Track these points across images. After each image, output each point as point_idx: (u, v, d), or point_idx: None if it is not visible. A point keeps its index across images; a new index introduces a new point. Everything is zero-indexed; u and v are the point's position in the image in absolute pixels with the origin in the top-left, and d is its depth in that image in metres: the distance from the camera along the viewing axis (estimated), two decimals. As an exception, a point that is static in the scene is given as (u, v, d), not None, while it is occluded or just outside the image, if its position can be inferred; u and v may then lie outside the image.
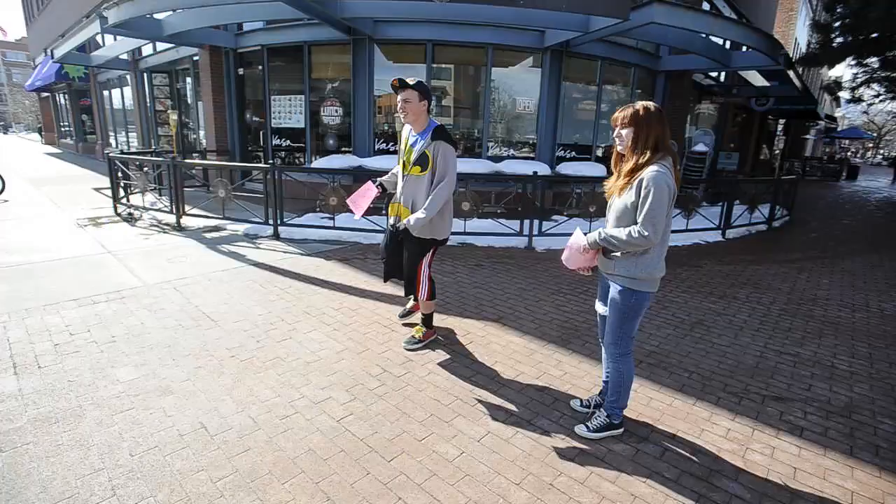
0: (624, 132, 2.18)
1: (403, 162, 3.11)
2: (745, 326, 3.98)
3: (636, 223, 2.13)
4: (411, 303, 3.76)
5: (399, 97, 2.95)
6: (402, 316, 3.74)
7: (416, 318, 3.61)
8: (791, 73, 11.50)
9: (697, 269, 5.69)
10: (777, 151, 23.34)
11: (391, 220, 3.29)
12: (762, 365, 3.30)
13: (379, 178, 3.30)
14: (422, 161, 2.98)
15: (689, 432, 2.50)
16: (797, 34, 22.73)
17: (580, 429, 2.47)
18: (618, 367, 2.38)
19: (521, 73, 8.37)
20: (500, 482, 2.10)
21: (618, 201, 2.21)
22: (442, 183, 2.97)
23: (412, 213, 3.04)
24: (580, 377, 3.01)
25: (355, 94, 8.08)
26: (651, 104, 2.16)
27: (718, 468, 2.24)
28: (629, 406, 2.68)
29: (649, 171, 2.08)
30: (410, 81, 2.93)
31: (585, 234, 2.32)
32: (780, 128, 23.30)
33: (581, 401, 2.68)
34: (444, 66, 8.29)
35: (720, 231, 7.55)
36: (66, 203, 8.54)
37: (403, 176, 3.11)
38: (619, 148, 2.24)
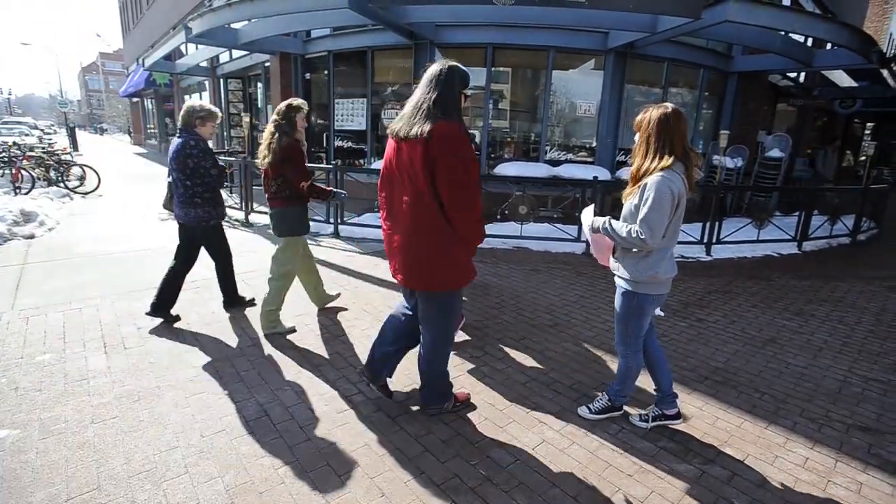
0: (636, 137, 2.26)
1: None
2: (826, 347, 3.67)
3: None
4: None
5: None
6: None
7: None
8: (885, 73, 10.51)
9: (769, 282, 5.31)
10: (864, 158, 21.34)
11: None
12: (846, 391, 3.03)
13: None
14: None
15: (761, 457, 2.33)
16: (892, 28, 20.69)
17: (583, 410, 2.63)
18: (627, 363, 2.49)
19: (582, 75, 8.18)
20: (555, 494, 2.05)
21: (625, 206, 2.28)
22: None
23: None
24: (639, 389, 2.89)
25: (415, 97, 8.24)
26: (665, 110, 2.16)
27: (795, 500, 2.07)
28: (693, 425, 2.57)
29: (653, 177, 2.10)
30: None
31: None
32: (867, 132, 21.30)
33: (640, 415, 2.58)
34: (503, 69, 8.26)
35: (796, 243, 7.00)
36: (149, 198, 9.27)
37: None
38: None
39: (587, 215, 2.46)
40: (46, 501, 1.90)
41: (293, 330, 3.55)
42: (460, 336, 3.55)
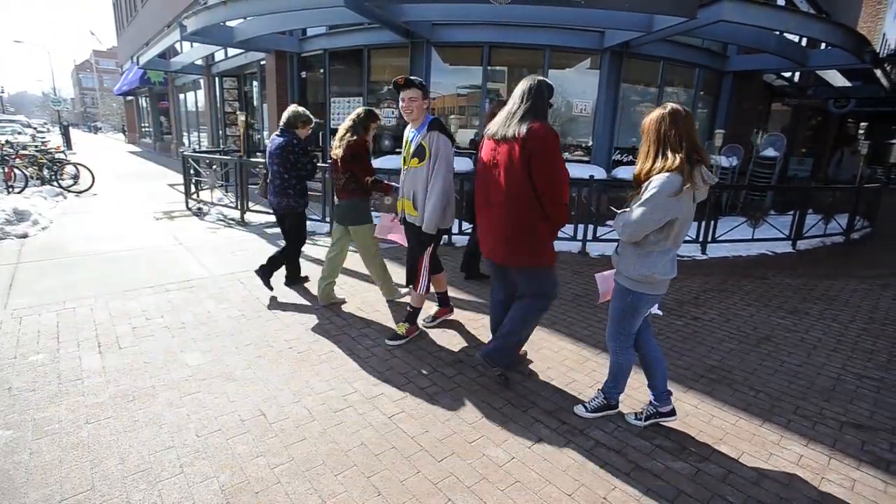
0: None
1: (404, 157, 3.24)
2: (819, 345, 3.69)
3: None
4: (435, 309, 3.77)
5: (406, 95, 3.02)
6: (429, 323, 3.68)
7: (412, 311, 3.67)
8: (878, 73, 10.57)
9: (764, 281, 5.34)
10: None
11: (402, 216, 3.40)
12: (839, 388, 3.05)
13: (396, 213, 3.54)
14: (419, 152, 3.07)
15: (756, 455, 2.35)
16: (886, 29, 20.82)
17: (579, 409, 2.63)
18: (617, 359, 2.51)
19: (578, 74, 8.18)
20: (550, 492, 2.06)
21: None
22: (437, 173, 3.04)
23: (414, 204, 3.16)
24: (635, 388, 2.89)
25: (411, 96, 8.22)
26: (662, 111, 2.14)
27: (789, 496, 2.08)
28: (688, 423, 2.58)
29: (654, 178, 2.09)
30: (414, 80, 3.04)
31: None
32: (861, 131, 21.44)
33: (636, 414, 2.58)
34: (499, 68, 8.26)
35: (790, 242, 7.04)
36: (144, 197, 9.23)
37: (404, 171, 3.23)
38: None
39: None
40: (40, 502, 1.88)
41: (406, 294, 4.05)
42: (457, 335, 3.56)
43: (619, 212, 2.31)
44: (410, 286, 3.41)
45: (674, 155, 2.07)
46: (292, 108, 4.03)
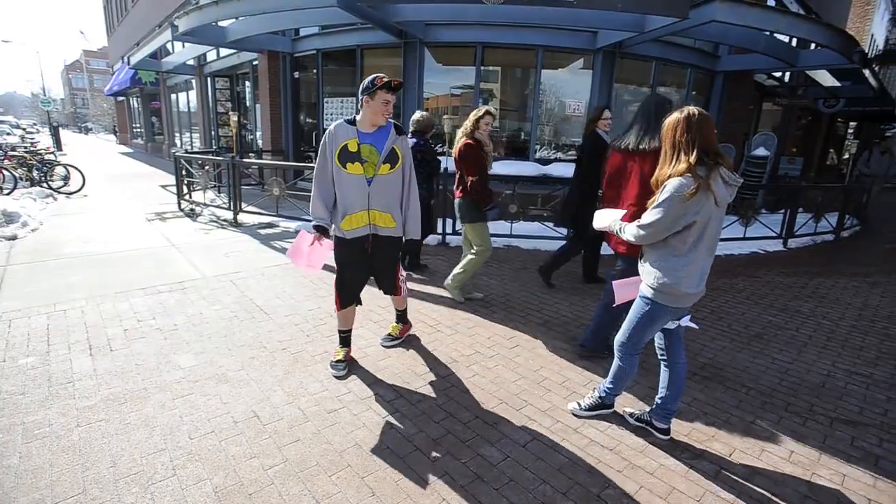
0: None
1: (366, 165, 2.76)
2: (810, 342, 3.73)
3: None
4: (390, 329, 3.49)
5: (390, 98, 2.72)
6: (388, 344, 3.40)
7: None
8: (867, 73, 10.68)
9: (756, 279, 5.39)
10: (847, 156, 21.72)
11: (364, 231, 2.87)
12: (829, 385, 3.08)
13: (315, 222, 2.96)
14: (392, 158, 2.80)
15: (748, 451, 2.37)
16: (874, 30, 21.06)
17: (573, 407, 2.65)
18: (622, 363, 2.49)
19: (571, 74, 8.22)
20: (545, 490, 2.06)
21: None
22: (412, 178, 2.96)
23: (390, 214, 2.86)
24: (630, 388, 2.91)
25: (405, 95, 8.21)
26: (679, 115, 2.14)
27: (780, 492, 2.10)
28: (681, 420, 2.60)
29: (671, 180, 2.08)
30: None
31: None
32: (850, 131, 21.67)
33: (633, 412, 2.59)
34: (492, 68, 8.27)
35: (781, 240, 7.11)
36: (136, 198, 9.16)
37: (368, 179, 2.77)
38: None
39: (606, 218, 2.46)
40: (30, 506, 1.86)
41: (480, 297, 4.33)
42: (451, 335, 3.56)
43: (616, 227, 2.32)
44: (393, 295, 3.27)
45: (686, 158, 2.06)
46: (426, 115, 4.61)
